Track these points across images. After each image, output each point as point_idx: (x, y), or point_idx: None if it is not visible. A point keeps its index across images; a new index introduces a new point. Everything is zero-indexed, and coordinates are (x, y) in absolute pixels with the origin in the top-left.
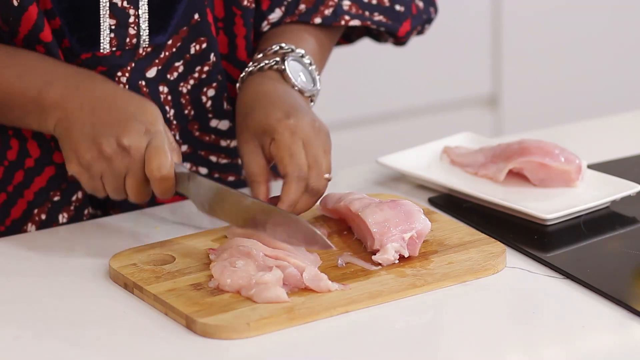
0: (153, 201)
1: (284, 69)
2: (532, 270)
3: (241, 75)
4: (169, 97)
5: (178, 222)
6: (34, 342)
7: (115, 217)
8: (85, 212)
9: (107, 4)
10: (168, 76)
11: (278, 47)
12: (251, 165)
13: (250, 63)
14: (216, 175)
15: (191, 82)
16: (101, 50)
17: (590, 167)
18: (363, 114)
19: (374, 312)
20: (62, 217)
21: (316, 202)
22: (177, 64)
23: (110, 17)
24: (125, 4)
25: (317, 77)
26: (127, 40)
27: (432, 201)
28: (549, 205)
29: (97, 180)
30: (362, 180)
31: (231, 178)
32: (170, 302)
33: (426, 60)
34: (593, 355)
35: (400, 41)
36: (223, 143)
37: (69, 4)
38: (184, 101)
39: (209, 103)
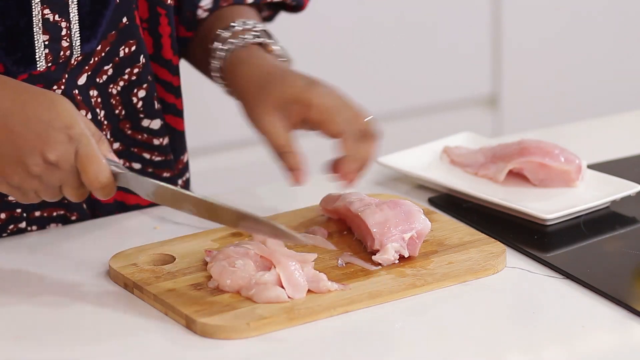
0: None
1: (271, 42)
2: (532, 270)
3: (219, 54)
4: (99, 100)
5: (178, 222)
6: (34, 342)
7: (115, 217)
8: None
9: (40, 21)
10: (97, 80)
11: (242, 24)
12: (278, 136)
13: (218, 42)
14: (150, 170)
15: (121, 83)
16: (38, 68)
17: (590, 167)
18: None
19: (374, 312)
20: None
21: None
22: (106, 67)
23: (44, 32)
24: (57, 17)
25: (286, 51)
26: (61, 53)
27: (432, 201)
28: (549, 205)
29: (31, 195)
30: (362, 180)
31: (166, 174)
32: (170, 302)
33: (426, 60)
34: (593, 355)
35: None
36: (156, 142)
37: (3, 28)
38: (114, 102)
39: (140, 104)
